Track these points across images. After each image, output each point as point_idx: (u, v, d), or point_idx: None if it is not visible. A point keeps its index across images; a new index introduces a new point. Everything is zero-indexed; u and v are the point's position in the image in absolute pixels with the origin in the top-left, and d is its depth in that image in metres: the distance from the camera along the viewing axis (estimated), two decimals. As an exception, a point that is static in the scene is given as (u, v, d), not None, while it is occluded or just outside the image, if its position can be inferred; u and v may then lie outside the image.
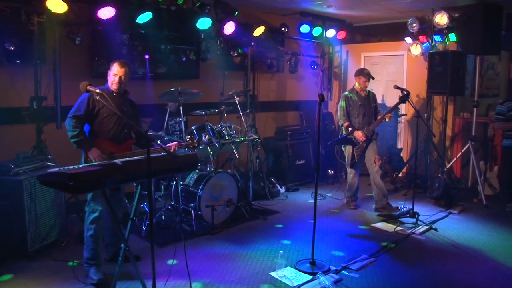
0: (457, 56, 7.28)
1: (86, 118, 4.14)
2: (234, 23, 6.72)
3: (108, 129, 4.20)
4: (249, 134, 6.35)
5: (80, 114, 4.08)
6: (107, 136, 4.19)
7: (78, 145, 4.08)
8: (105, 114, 4.18)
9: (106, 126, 4.19)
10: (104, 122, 4.19)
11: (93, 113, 4.16)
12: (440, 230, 5.70)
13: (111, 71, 4.26)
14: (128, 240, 3.55)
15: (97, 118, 4.18)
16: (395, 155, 8.28)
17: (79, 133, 4.06)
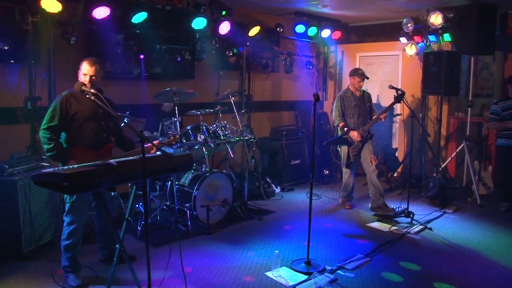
0: (451, 56, 7.31)
1: (62, 126, 3.93)
2: (229, 23, 6.72)
3: (85, 136, 4.00)
4: (244, 134, 6.35)
5: (55, 124, 3.88)
6: (85, 143, 4.01)
7: (54, 159, 3.91)
8: (81, 119, 3.98)
9: (83, 132, 4.00)
10: (80, 128, 3.99)
11: (68, 119, 3.95)
12: (435, 230, 5.72)
13: (81, 70, 4.04)
14: (123, 240, 3.54)
15: (72, 125, 3.97)
16: (390, 155, 8.31)
17: (54, 146, 3.86)
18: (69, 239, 3.96)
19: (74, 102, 3.98)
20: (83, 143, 4.00)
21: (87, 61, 4.04)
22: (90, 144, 4.03)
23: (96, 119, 4.06)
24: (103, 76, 4.31)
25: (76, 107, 3.96)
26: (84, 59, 4.09)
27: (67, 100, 3.95)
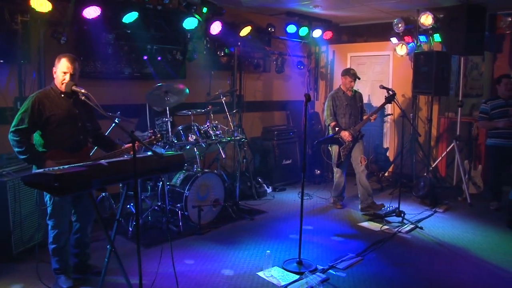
0: (441, 56, 7.36)
1: (32, 129, 3.70)
2: (220, 23, 6.72)
3: (61, 139, 3.79)
4: (235, 134, 6.35)
5: (24, 126, 3.63)
6: (62, 146, 3.79)
7: (29, 162, 3.75)
8: (56, 121, 3.75)
9: (59, 136, 3.78)
10: (56, 131, 3.76)
11: (42, 122, 3.71)
12: (425, 229, 5.76)
13: (58, 68, 3.80)
14: (114, 241, 3.52)
15: (47, 127, 3.74)
16: (381, 155, 8.34)
17: (26, 149, 3.62)
18: (55, 243, 3.90)
19: (48, 104, 3.75)
20: (59, 146, 3.78)
21: (66, 58, 3.80)
22: (67, 147, 3.82)
23: (72, 121, 3.86)
24: (95, 76, 4.23)
25: (50, 109, 3.74)
26: (61, 55, 3.85)
27: (39, 102, 3.71)
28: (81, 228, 4.14)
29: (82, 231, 4.15)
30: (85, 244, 4.22)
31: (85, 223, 4.15)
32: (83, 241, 4.20)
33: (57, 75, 3.83)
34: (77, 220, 4.13)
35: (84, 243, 4.21)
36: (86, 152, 4.02)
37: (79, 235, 4.16)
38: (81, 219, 4.12)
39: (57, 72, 3.83)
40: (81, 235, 4.16)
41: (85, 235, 4.19)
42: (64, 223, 3.92)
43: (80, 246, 4.20)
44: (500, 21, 7.82)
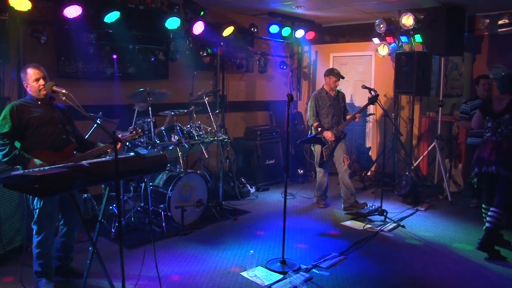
0: (422, 56, 7.44)
1: (14, 133, 3.72)
2: (203, 23, 6.70)
3: (44, 140, 3.79)
4: (218, 134, 6.34)
5: (6, 131, 3.68)
6: (45, 146, 3.80)
7: (14, 163, 3.72)
8: (36, 123, 3.77)
9: (41, 136, 3.79)
10: (37, 132, 3.78)
11: (22, 126, 3.73)
12: (408, 227, 5.82)
13: (28, 79, 3.82)
14: (96, 243, 3.49)
15: (27, 131, 3.76)
16: (364, 154, 8.40)
17: (9, 150, 3.64)
18: (39, 247, 3.84)
19: (26, 109, 3.78)
20: (42, 146, 3.78)
21: (31, 67, 3.85)
22: (51, 147, 3.82)
23: (51, 123, 3.86)
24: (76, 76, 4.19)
25: (28, 112, 3.76)
26: (24, 67, 3.90)
27: (17, 108, 3.74)
28: (68, 232, 4.09)
29: (69, 235, 4.10)
30: (71, 248, 4.17)
31: (72, 227, 4.10)
32: (69, 245, 4.15)
33: (31, 86, 3.85)
34: (65, 224, 4.08)
35: (69, 246, 4.16)
36: (70, 150, 3.98)
37: (65, 239, 4.10)
38: (68, 223, 4.07)
39: (29, 84, 3.85)
40: (68, 239, 4.11)
41: (71, 239, 4.14)
42: (50, 229, 3.87)
43: (65, 249, 4.14)
44: (478, 23, 7.94)
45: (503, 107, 4.89)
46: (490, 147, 4.93)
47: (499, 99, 5.04)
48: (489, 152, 4.92)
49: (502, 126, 4.89)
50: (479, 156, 5.04)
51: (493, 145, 4.91)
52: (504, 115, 4.86)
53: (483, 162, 4.98)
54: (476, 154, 5.13)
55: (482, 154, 5.01)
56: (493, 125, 4.99)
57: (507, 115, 4.85)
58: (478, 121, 5.27)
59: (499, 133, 4.91)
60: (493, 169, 4.84)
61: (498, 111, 4.94)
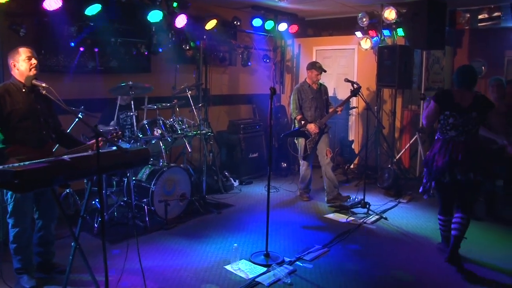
0: (404, 50, 7.49)
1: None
2: (185, 16, 6.65)
3: (23, 134, 3.70)
4: (201, 128, 6.32)
5: None
6: (24, 141, 3.70)
7: None
8: (18, 116, 3.67)
9: (21, 131, 3.69)
10: (18, 126, 3.67)
11: (3, 118, 3.63)
12: (390, 219, 5.89)
13: (19, 58, 3.71)
14: (79, 238, 3.47)
15: (9, 123, 3.65)
16: (347, 147, 8.46)
17: None
18: (16, 242, 3.78)
19: (9, 99, 3.66)
20: (21, 142, 3.69)
21: (24, 47, 3.73)
22: (29, 143, 3.73)
23: (34, 116, 3.77)
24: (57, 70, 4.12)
25: (11, 104, 3.65)
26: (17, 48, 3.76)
27: (0, 97, 3.64)
28: (44, 225, 4.03)
29: (46, 229, 4.05)
30: (49, 242, 4.12)
31: (48, 220, 4.03)
32: (47, 239, 4.09)
33: (20, 65, 3.73)
34: (40, 217, 4.02)
35: (48, 241, 4.10)
36: (49, 148, 3.93)
37: (42, 233, 4.04)
38: (44, 216, 4.01)
39: (19, 62, 3.73)
40: (45, 232, 4.05)
41: (49, 233, 4.08)
42: (25, 221, 3.81)
43: (44, 244, 4.08)
44: (459, 17, 8.02)
45: (470, 102, 4.35)
46: (461, 149, 4.34)
47: (460, 93, 4.45)
48: (462, 155, 4.31)
49: (469, 125, 4.35)
50: (451, 160, 4.35)
51: (464, 147, 4.34)
52: (472, 113, 4.33)
53: (456, 167, 4.33)
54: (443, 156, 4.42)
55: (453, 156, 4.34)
56: (458, 122, 4.37)
57: (475, 113, 4.33)
58: (434, 116, 4.59)
59: (467, 132, 4.36)
60: (471, 176, 4.28)
61: (465, 107, 4.37)
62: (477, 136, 4.45)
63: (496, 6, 7.50)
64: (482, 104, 4.38)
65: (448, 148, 4.42)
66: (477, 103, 4.36)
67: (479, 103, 4.37)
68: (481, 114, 4.39)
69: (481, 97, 4.43)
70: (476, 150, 4.35)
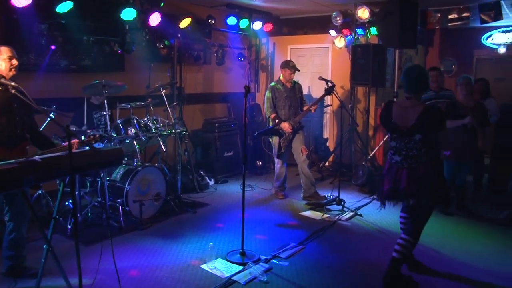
0: (378, 49, 7.58)
1: None
2: (159, 14, 6.59)
3: None
4: (176, 127, 6.28)
5: None
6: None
7: None
8: None
9: None
10: None
11: None
12: (364, 216, 5.96)
13: (1, 56, 3.72)
14: (52, 240, 3.41)
15: None
16: (321, 145, 8.53)
17: None
18: None
19: None
20: None
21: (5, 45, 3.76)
22: (3, 141, 3.66)
23: (9, 113, 3.70)
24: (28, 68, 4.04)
25: None
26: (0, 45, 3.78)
27: None
28: (15, 227, 3.93)
29: (17, 231, 3.94)
30: (21, 246, 4.02)
31: (19, 222, 3.94)
32: (18, 242, 3.98)
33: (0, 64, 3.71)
34: (11, 220, 3.92)
35: (19, 244, 4.00)
36: (23, 148, 3.85)
37: (13, 236, 3.94)
38: (14, 218, 3.92)
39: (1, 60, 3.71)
40: (16, 235, 3.95)
41: (20, 236, 3.98)
42: None
43: (15, 247, 3.98)
44: (430, 17, 8.16)
45: (412, 122, 3.75)
46: (405, 176, 3.85)
47: (403, 109, 3.87)
48: (405, 182, 3.84)
49: (414, 150, 3.79)
50: (394, 187, 3.93)
51: (408, 173, 3.84)
52: (414, 136, 3.77)
53: (398, 194, 3.92)
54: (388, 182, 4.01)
55: (396, 184, 3.91)
56: (401, 146, 3.88)
57: (419, 136, 3.75)
58: None
59: (411, 157, 3.82)
60: (413, 202, 3.86)
61: (405, 127, 3.81)
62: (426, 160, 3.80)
63: (465, 6, 7.66)
64: (429, 122, 3.72)
65: (392, 173, 3.97)
66: (423, 122, 3.72)
67: (426, 121, 3.72)
68: (428, 135, 3.77)
69: (430, 112, 3.75)
70: (424, 177, 3.80)
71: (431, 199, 3.82)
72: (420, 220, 4.01)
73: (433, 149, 3.83)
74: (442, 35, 9.65)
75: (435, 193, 3.81)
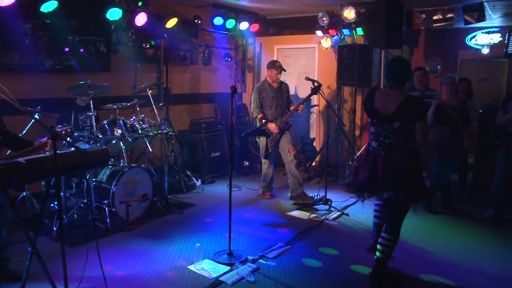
0: (364, 49, 7.63)
1: None
2: (145, 14, 6.56)
3: None
4: (162, 128, 6.25)
5: None
6: None
7: None
8: None
9: None
10: None
11: None
12: (351, 215, 5.99)
13: None
14: (36, 242, 3.38)
15: None
16: (308, 145, 8.56)
17: None
18: None
19: None
20: None
21: None
22: None
23: None
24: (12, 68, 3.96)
25: None
26: None
27: None
28: None
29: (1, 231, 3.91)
30: (2, 248, 3.97)
31: (0, 224, 3.89)
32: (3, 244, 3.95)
33: None
34: None
35: (1, 246, 3.95)
36: None
37: None
38: None
39: None
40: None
41: (1, 238, 3.93)
42: None
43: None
44: (415, 18, 8.22)
45: (393, 110, 3.76)
46: (381, 164, 3.85)
47: (385, 95, 3.90)
48: (381, 172, 3.83)
49: (391, 138, 3.81)
50: (371, 175, 3.92)
51: (384, 162, 3.83)
52: (394, 123, 3.78)
53: (375, 185, 3.90)
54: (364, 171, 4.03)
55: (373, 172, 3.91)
56: (379, 132, 3.90)
57: (397, 123, 3.76)
58: None
59: (388, 146, 3.83)
60: (387, 196, 3.81)
61: (385, 114, 3.83)
62: (403, 151, 3.80)
63: (449, 7, 7.73)
64: (410, 111, 3.73)
65: (368, 161, 3.97)
66: (403, 110, 3.73)
67: (406, 110, 3.73)
68: (407, 124, 3.76)
69: (411, 102, 3.77)
70: (400, 168, 3.78)
71: (406, 194, 3.78)
72: (397, 216, 3.99)
73: (411, 141, 3.82)
74: (427, 35, 9.73)
75: (410, 188, 3.78)
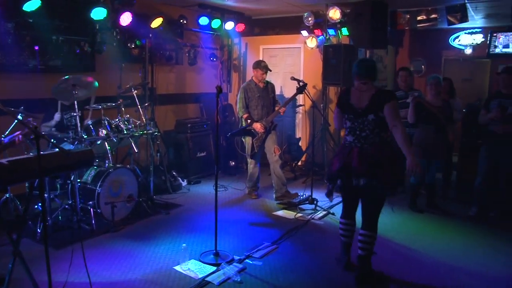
0: (349, 49, 7.67)
1: None
2: (130, 14, 6.52)
3: None
4: (148, 128, 6.22)
5: None
6: None
7: None
8: None
9: None
10: None
11: None
12: (337, 214, 6.01)
13: None
14: (20, 244, 3.34)
15: None
16: (294, 145, 8.59)
17: None
18: None
19: None
20: None
21: None
22: None
23: None
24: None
25: None
26: None
27: None
28: None
29: None
30: None
31: None
32: None
33: None
34: None
35: None
36: None
37: None
38: None
39: None
40: None
41: None
42: None
43: None
44: (400, 18, 8.29)
45: (366, 103, 3.96)
46: (356, 154, 3.99)
47: (358, 92, 4.08)
48: (357, 161, 3.95)
49: (367, 130, 3.97)
50: (345, 165, 4.04)
51: (359, 153, 3.98)
52: (368, 115, 3.95)
53: (350, 172, 4.00)
54: (338, 162, 4.15)
55: (348, 162, 4.03)
56: (355, 126, 4.05)
57: (371, 115, 3.93)
58: (338, 119, 4.30)
59: (364, 138, 3.98)
60: (364, 182, 3.91)
61: (360, 108, 4.00)
62: (379, 143, 3.97)
63: (433, 8, 7.82)
64: (380, 101, 3.91)
65: (344, 152, 4.12)
66: (374, 103, 3.93)
67: (377, 101, 3.93)
68: (379, 114, 3.92)
69: (381, 94, 3.99)
70: (377, 160, 3.92)
71: (381, 183, 3.89)
72: (373, 210, 4.14)
73: (385, 132, 4.00)
74: (412, 36, 9.83)
75: (387, 178, 3.90)
